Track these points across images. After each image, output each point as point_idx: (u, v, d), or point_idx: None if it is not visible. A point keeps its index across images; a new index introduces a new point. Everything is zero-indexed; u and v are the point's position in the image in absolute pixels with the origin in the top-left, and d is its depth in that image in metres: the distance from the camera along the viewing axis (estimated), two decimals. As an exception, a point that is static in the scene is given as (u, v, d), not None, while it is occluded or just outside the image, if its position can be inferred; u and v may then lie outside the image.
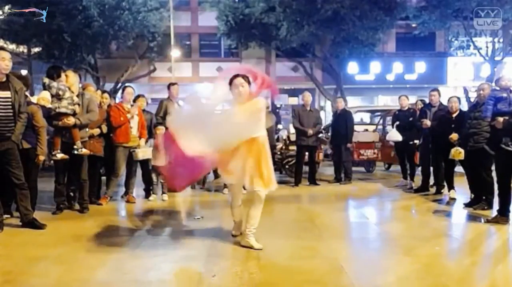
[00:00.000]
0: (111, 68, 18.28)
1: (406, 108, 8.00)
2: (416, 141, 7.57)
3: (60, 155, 5.23)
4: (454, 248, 4.26)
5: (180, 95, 7.42)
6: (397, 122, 7.94)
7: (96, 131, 5.92)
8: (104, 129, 6.06)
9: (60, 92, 5.11)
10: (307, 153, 8.28)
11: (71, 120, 5.21)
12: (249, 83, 3.89)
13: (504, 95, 4.97)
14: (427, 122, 6.88)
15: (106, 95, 6.60)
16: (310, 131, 7.97)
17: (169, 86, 7.37)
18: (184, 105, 3.78)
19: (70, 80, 5.37)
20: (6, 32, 15.40)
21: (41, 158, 5.07)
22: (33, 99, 5.49)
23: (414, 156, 7.90)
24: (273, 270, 3.37)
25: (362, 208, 6.27)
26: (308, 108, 8.24)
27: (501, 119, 4.78)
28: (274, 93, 4.29)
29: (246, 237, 3.95)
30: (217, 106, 3.91)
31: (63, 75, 5.22)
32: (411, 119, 7.66)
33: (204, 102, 3.89)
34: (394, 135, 7.92)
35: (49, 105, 5.25)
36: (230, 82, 3.90)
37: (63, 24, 14.37)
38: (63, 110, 5.15)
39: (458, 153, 6.06)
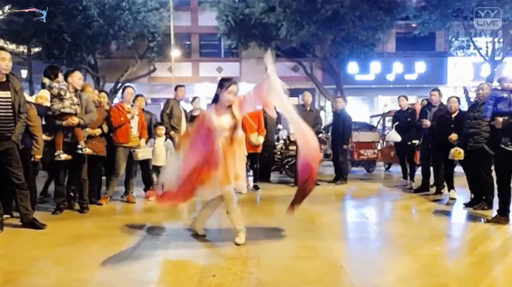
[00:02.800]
0: (111, 68, 18.27)
1: (406, 108, 8.01)
2: (415, 141, 7.57)
3: (63, 156, 5.23)
4: (454, 248, 4.26)
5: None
6: (397, 123, 7.95)
7: (98, 131, 5.92)
8: (105, 128, 6.06)
9: (62, 92, 5.13)
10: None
11: (75, 120, 5.23)
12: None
13: (505, 95, 4.97)
14: (427, 122, 6.87)
15: (103, 94, 6.62)
16: None
17: (176, 87, 7.56)
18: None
19: (80, 81, 5.44)
20: (6, 32, 15.40)
21: (38, 157, 5.07)
22: (29, 98, 5.47)
23: (414, 156, 7.91)
24: (273, 270, 3.36)
25: (362, 208, 6.27)
26: (308, 108, 8.23)
27: (500, 119, 4.78)
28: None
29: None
30: None
31: (60, 75, 5.23)
32: (409, 119, 7.67)
33: None
34: (393, 136, 7.94)
35: (46, 104, 5.24)
36: (222, 85, 3.92)
37: (63, 24, 14.36)
38: (67, 110, 5.17)
39: (457, 153, 6.07)
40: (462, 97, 8.25)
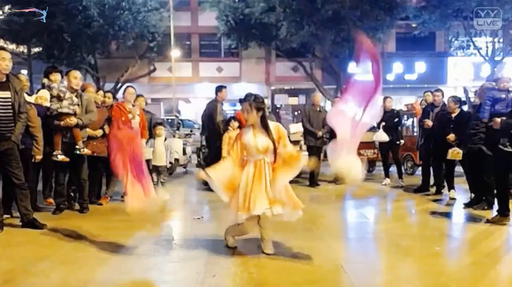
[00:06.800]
0: (111, 68, 18.30)
1: (390, 109, 8.20)
2: (399, 142, 7.83)
3: (61, 157, 5.22)
4: (454, 248, 4.27)
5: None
6: (383, 123, 8.05)
7: (99, 132, 5.92)
8: (107, 129, 6.06)
9: (61, 94, 5.12)
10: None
11: (73, 120, 5.22)
12: (258, 109, 3.68)
13: (503, 96, 4.97)
14: (429, 122, 6.91)
15: (109, 94, 6.64)
16: (320, 133, 7.95)
17: (220, 88, 7.40)
18: None
19: (78, 81, 5.41)
20: (6, 32, 15.41)
21: (38, 157, 5.06)
22: (29, 98, 5.46)
23: (397, 156, 8.19)
24: (273, 270, 3.37)
25: (362, 208, 6.27)
26: (318, 109, 8.24)
27: (498, 119, 4.78)
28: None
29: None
30: None
31: (54, 76, 5.22)
32: (396, 120, 7.98)
33: None
34: (381, 136, 8.07)
35: (46, 104, 5.24)
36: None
37: (63, 24, 14.40)
38: (65, 110, 5.16)
39: (455, 153, 6.07)
40: (462, 97, 8.28)
